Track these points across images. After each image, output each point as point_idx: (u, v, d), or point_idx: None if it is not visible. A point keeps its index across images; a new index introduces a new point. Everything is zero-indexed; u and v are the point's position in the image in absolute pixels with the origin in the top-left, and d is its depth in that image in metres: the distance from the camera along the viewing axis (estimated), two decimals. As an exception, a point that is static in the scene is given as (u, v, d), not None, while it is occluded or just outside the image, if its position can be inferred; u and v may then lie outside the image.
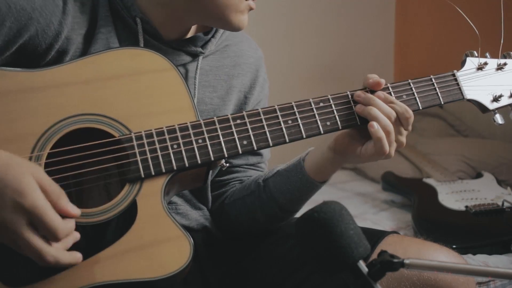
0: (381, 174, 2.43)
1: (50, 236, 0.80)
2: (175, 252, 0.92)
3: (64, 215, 0.81)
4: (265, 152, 1.29)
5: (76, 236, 0.84)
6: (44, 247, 0.79)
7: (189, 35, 1.15)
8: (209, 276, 1.19)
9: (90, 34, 1.05)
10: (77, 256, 0.84)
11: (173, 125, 0.96)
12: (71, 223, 0.82)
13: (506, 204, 1.97)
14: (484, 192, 2.18)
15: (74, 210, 0.82)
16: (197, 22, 1.13)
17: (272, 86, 1.34)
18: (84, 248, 0.90)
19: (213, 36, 1.17)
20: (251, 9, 1.10)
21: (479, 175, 2.40)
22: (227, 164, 1.09)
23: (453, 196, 2.14)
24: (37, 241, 0.79)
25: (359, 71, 3.30)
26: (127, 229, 0.92)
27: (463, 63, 1.13)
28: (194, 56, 1.15)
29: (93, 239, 0.91)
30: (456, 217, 1.99)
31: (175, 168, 0.94)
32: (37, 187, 0.79)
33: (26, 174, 0.79)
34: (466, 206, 2.00)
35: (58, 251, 0.81)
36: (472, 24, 1.12)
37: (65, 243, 0.82)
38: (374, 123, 1.00)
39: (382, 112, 1.01)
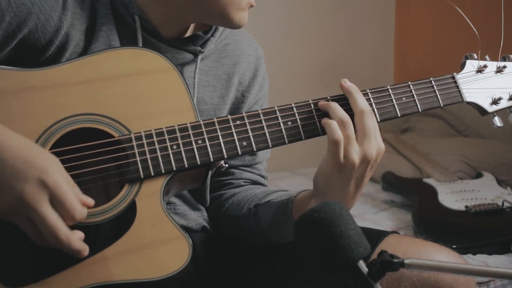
0: (381, 174, 2.43)
1: (68, 215, 0.81)
2: (173, 253, 0.92)
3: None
4: (263, 152, 1.28)
5: (81, 235, 0.85)
6: (60, 224, 0.81)
7: (188, 33, 1.15)
8: (207, 277, 1.19)
9: (90, 31, 1.05)
10: (85, 247, 0.84)
11: (173, 126, 0.96)
12: (85, 210, 0.84)
13: (506, 204, 1.97)
14: (484, 192, 2.18)
15: (89, 199, 0.85)
16: (197, 20, 1.13)
17: (272, 85, 1.34)
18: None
19: (212, 35, 1.17)
20: (251, 6, 1.10)
21: (479, 175, 2.39)
22: (227, 165, 1.08)
23: (453, 196, 2.14)
24: (55, 217, 0.80)
25: (359, 71, 3.30)
26: (126, 229, 0.92)
27: (462, 65, 1.13)
28: (193, 55, 1.15)
29: (92, 240, 0.91)
30: (456, 217, 1.99)
31: (174, 168, 0.94)
32: (60, 170, 0.82)
33: (49, 157, 0.82)
34: (466, 206, 2.00)
35: (71, 232, 0.82)
36: (472, 26, 1.12)
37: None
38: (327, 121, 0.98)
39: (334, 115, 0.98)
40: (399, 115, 1.05)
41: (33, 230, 0.81)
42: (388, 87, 1.06)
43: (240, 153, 0.98)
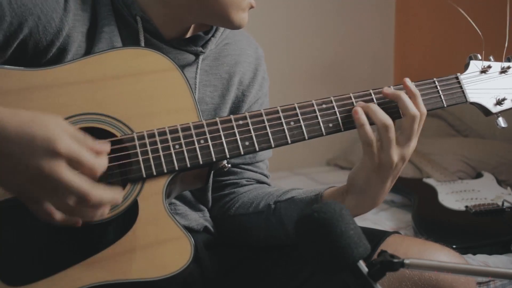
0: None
1: (90, 173, 0.79)
2: (176, 253, 0.92)
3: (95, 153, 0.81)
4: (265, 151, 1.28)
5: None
6: (88, 185, 0.79)
7: (189, 34, 1.15)
8: (209, 277, 1.19)
9: (92, 33, 1.05)
10: (117, 195, 0.83)
11: (175, 125, 0.96)
12: (104, 159, 0.82)
13: (506, 204, 1.98)
14: (484, 192, 2.18)
15: (104, 146, 0.82)
16: (198, 21, 1.13)
17: (272, 86, 1.34)
18: (85, 247, 0.90)
19: (213, 36, 1.17)
20: (251, 7, 1.10)
21: (479, 175, 2.40)
22: (229, 165, 1.09)
23: (453, 196, 2.15)
24: (81, 181, 0.78)
25: (359, 71, 3.31)
26: (128, 229, 0.92)
27: (466, 66, 1.13)
28: (195, 55, 1.15)
29: (94, 239, 0.91)
30: (456, 217, 1.99)
31: (176, 168, 0.94)
32: (65, 132, 0.79)
33: (51, 123, 0.79)
34: (466, 206, 2.01)
35: (100, 188, 0.80)
36: (475, 26, 1.12)
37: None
38: (358, 109, 1.00)
39: (376, 118, 1.00)
40: (402, 116, 1.05)
41: (59, 202, 0.79)
42: (392, 87, 1.06)
43: (242, 153, 0.98)
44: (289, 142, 1.01)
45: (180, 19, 1.10)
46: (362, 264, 0.69)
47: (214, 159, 0.97)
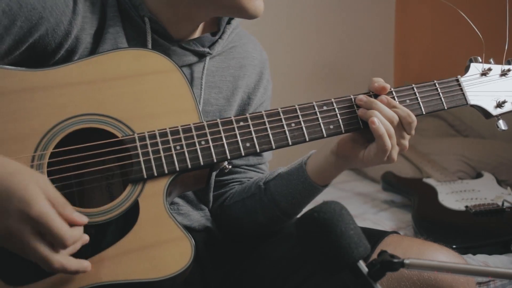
0: (381, 174, 2.43)
1: (58, 243, 0.80)
2: (176, 253, 0.92)
3: (71, 224, 0.81)
4: (266, 153, 1.29)
5: (85, 239, 0.84)
6: (51, 254, 0.80)
7: (197, 34, 1.16)
8: (209, 276, 1.19)
9: (99, 34, 1.05)
10: (84, 264, 0.84)
11: (176, 126, 0.96)
12: (78, 230, 0.83)
13: (506, 204, 1.98)
14: (484, 192, 2.18)
15: (81, 218, 0.83)
16: (210, 15, 1.13)
17: (273, 86, 1.35)
18: (86, 248, 0.90)
19: (220, 37, 1.17)
20: None
21: (479, 175, 2.40)
22: (230, 166, 1.09)
23: (453, 196, 2.15)
24: (44, 249, 0.79)
25: (360, 72, 3.30)
26: (128, 229, 0.92)
27: (467, 68, 1.14)
28: (201, 56, 1.15)
29: (95, 239, 0.91)
30: (456, 217, 1.99)
31: (177, 169, 0.94)
32: (43, 196, 0.79)
33: (31, 183, 0.79)
34: (466, 206, 2.01)
35: (65, 258, 0.82)
36: (476, 29, 1.12)
37: (71, 249, 0.83)
38: (375, 119, 1.00)
39: (384, 116, 1.01)
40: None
41: (30, 257, 0.81)
42: (392, 89, 1.06)
43: (243, 154, 0.98)
44: (290, 143, 1.01)
45: (191, 16, 1.10)
46: (362, 264, 0.69)
47: (215, 160, 0.97)
